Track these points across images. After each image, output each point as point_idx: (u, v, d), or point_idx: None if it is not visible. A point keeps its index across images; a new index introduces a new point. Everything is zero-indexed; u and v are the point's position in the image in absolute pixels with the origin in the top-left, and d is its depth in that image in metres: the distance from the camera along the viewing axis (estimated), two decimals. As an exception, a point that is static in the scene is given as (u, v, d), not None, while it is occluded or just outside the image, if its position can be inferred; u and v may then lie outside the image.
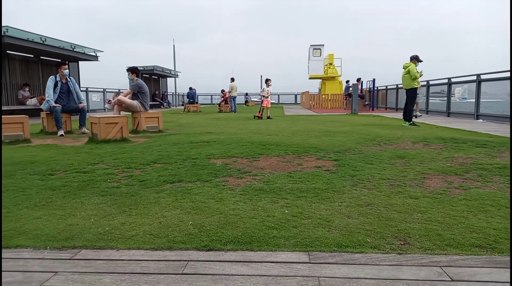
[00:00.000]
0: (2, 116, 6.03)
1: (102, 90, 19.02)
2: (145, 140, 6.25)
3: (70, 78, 7.64)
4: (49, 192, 2.78)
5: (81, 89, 14.50)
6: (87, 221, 2.18)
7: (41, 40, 12.32)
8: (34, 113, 13.16)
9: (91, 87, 17.98)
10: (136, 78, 7.74)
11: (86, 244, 1.86)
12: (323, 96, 22.89)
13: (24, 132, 6.05)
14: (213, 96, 38.81)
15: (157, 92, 24.46)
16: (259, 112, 11.97)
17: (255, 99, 32.06)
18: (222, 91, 19.08)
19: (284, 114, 16.08)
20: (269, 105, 12.49)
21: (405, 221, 2.15)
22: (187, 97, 19.52)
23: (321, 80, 28.55)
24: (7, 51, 12.53)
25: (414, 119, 9.24)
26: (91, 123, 6.09)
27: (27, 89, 13.32)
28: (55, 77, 7.43)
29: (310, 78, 28.60)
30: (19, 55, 13.20)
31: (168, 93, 28.48)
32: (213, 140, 5.85)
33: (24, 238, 1.95)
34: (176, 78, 28.68)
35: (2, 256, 1.74)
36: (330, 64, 27.21)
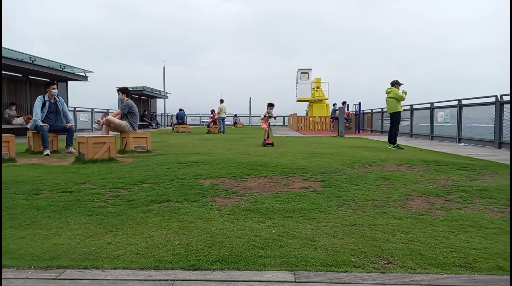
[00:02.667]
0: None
1: (90, 110, 18.92)
2: (133, 160, 6.22)
3: (58, 98, 7.63)
4: (34, 212, 2.75)
5: (69, 108, 14.39)
6: (72, 241, 2.16)
7: (30, 59, 12.33)
8: (20, 132, 12.97)
9: (79, 107, 17.89)
10: (126, 98, 7.78)
11: (71, 264, 1.85)
12: (311, 119, 23.23)
13: (9, 151, 5.97)
14: (202, 117, 38.94)
15: (146, 113, 24.46)
16: (268, 138, 9.90)
17: (251, 122, 32.30)
18: (212, 111, 19.20)
19: (272, 135, 16.23)
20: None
21: (388, 241, 2.20)
22: (176, 118, 19.56)
23: (308, 103, 29.06)
24: (-5, 70, 12.46)
25: None
26: (79, 142, 6.06)
27: (14, 108, 13.17)
28: (44, 97, 7.42)
29: (298, 101, 29.09)
30: (7, 74, 13.13)
31: (157, 114, 28.48)
32: (201, 161, 5.87)
33: (7, 258, 1.92)
34: (166, 99, 28.78)
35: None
36: (318, 87, 27.80)
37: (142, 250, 2.03)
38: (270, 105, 10.80)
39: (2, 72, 12.88)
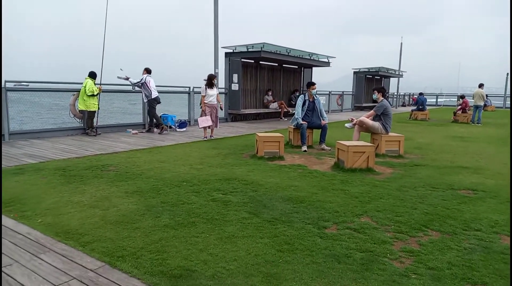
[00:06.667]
0: (266, 134, 6.90)
1: (327, 92, 20.00)
2: (390, 171, 5.82)
3: (316, 97, 8.04)
4: (336, 265, 2.70)
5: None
6: None
7: (286, 51, 13.82)
8: (275, 115, 15.12)
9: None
10: (381, 98, 7.36)
11: None
12: None
13: (279, 150, 6.74)
14: (438, 97, 34.54)
15: (378, 93, 23.70)
16: None
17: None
18: (461, 97, 16.47)
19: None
20: None
21: None
22: (416, 103, 17.94)
23: None
24: (260, 62, 14.70)
25: None
26: (338, 149, 6.12)
27: (270, 93, 15.28)
28: (304, 96, 7.98)
29: None
30: (267, 64, 15.25)
31: (390, 94, 27.17)
32: (481, 188, 4.79)
33: None
34: (400, 78, 26.93)
35: None
36: None
37: None
38: None
39: (264, 63, 15.01)
